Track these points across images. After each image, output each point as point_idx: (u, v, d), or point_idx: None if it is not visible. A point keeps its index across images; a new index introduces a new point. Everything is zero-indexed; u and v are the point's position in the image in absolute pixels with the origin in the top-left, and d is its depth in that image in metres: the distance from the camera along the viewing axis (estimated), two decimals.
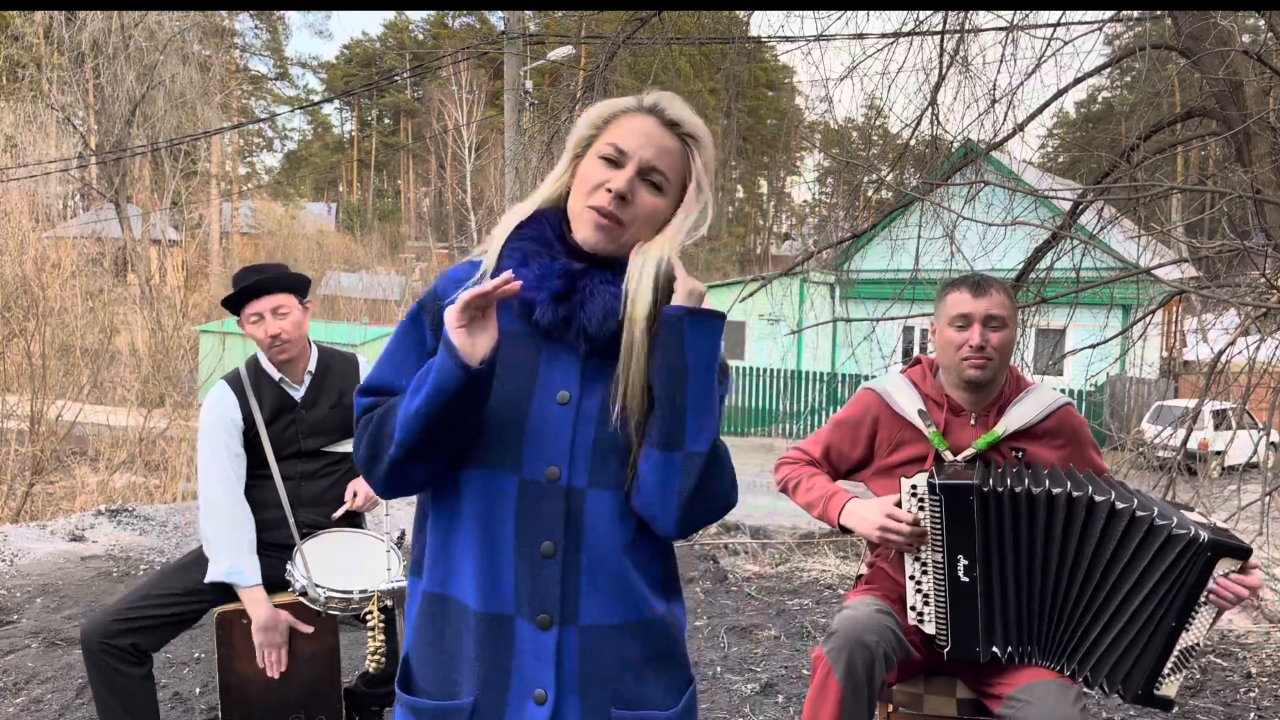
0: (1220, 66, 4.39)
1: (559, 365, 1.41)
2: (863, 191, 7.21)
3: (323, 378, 2.89)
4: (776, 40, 7.10)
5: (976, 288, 2.32)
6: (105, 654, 2.61)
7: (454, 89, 39.46)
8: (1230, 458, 9.03)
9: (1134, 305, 5.85)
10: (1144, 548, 2.08)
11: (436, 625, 1.43)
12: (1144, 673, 2.09)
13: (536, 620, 1.37)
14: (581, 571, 1.38)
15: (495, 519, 1.38)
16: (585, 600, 1.39)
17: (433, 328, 1.44)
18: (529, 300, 1.39)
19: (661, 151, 1.41)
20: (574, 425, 1.39)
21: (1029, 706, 2.07)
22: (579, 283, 1.39)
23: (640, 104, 1.44)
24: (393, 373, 1.45)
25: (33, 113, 24.20)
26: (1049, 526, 2.13)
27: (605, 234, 1.39)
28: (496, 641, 1.38)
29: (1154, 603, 2.07)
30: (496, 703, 1.38)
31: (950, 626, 2.20)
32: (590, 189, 1.40)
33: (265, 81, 47.48)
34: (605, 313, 1.39)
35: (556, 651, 1.38)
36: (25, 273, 12.63)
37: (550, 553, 1.37)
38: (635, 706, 1.42)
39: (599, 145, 1.42)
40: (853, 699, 2.10)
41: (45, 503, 9.13)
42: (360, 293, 32.01)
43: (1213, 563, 2.03)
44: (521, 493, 1.38)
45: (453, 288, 1.44)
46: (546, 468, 1.38)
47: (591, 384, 1.41)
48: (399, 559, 2.61)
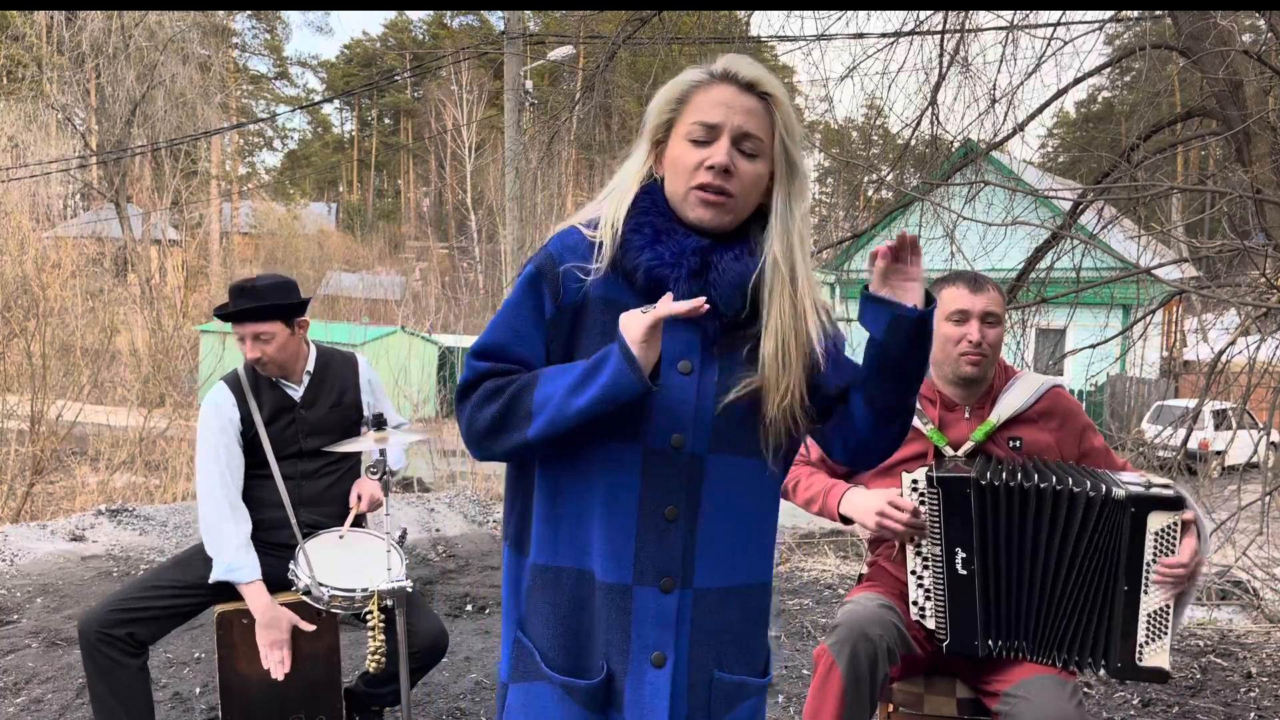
0: (1220, 66, 4.39)
1: (678, 335, 1.42)
2: (863, 191, 7.21)
3: (321, 378, 2.89)
4: (776, 40, 7.11)
5: (974, 283, 2.34)
6: (102, 643, 2.62)
7: (454, 89, 39.44)
8: (1230, 458, 9.03)
9: (1134, 305, 5.85)
10: (1084, 522, 2.12)
11: (568, 598, 1.43)
12: (1119, 644, 2.11)
13: (660, 584, 1.40)
14: (698, 535, 1.42)
15: (619, 488, 1.40)
16: (700, 563, 1.42)
17: (552, 295, 1.43)
18: (662, 277, 1.39)
19: (748, 116, 1.40)
20: (696, 394, 1.41)
21: (1025, 703, 2.08)
22: (711, 259, 1.41)
23: (713, 73, 1.43)
24: (511, 338, 1.44)
25: (33, 113, 24.20)
26: (1037, 519, 2.15)
27: (718, 210, 1.41)
28: (618, 609, 1.40)
29: (1099, 571, 2.10)
30: (619, 670, 1.41)
31: (949, 620, 2.21)
32: (690, 170, 1.40)
33: (265, 81, 47.47)
34: (735, 289, 1.41)
35: (676, 614, 1.41)
36: (25, 273, 12.62)
37: (674, 517, 1.41)
38: (736, 670, 1.46)
39: (683, 127, 1.42)
40: (855, 693, 2.11)
41: (45, 503, 9.12)
42: (360, 293, 32.00)
43: (1141, 518, 2.06)
44: (646, 461, 1.40)
45: (568, 255, 1.44)
46: (671, 435, 1.40)
47: (713, 356, 1.43)
48: (400, 558, 2.60)
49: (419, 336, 19.58)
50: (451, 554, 6.25)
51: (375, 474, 2.51)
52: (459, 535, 6.81)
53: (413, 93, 50.28)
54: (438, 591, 5.33)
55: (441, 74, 39.20)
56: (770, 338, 1.40)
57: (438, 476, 10.06)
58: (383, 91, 50.32)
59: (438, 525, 7.03)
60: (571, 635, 1.43)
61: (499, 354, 1.44)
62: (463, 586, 5.46)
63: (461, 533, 6.90)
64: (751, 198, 1.43)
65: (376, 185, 54.87)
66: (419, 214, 49.39)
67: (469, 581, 5.58)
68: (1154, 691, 3.92)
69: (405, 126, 52.43)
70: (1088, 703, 3.81)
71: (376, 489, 2.85)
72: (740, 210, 1.42)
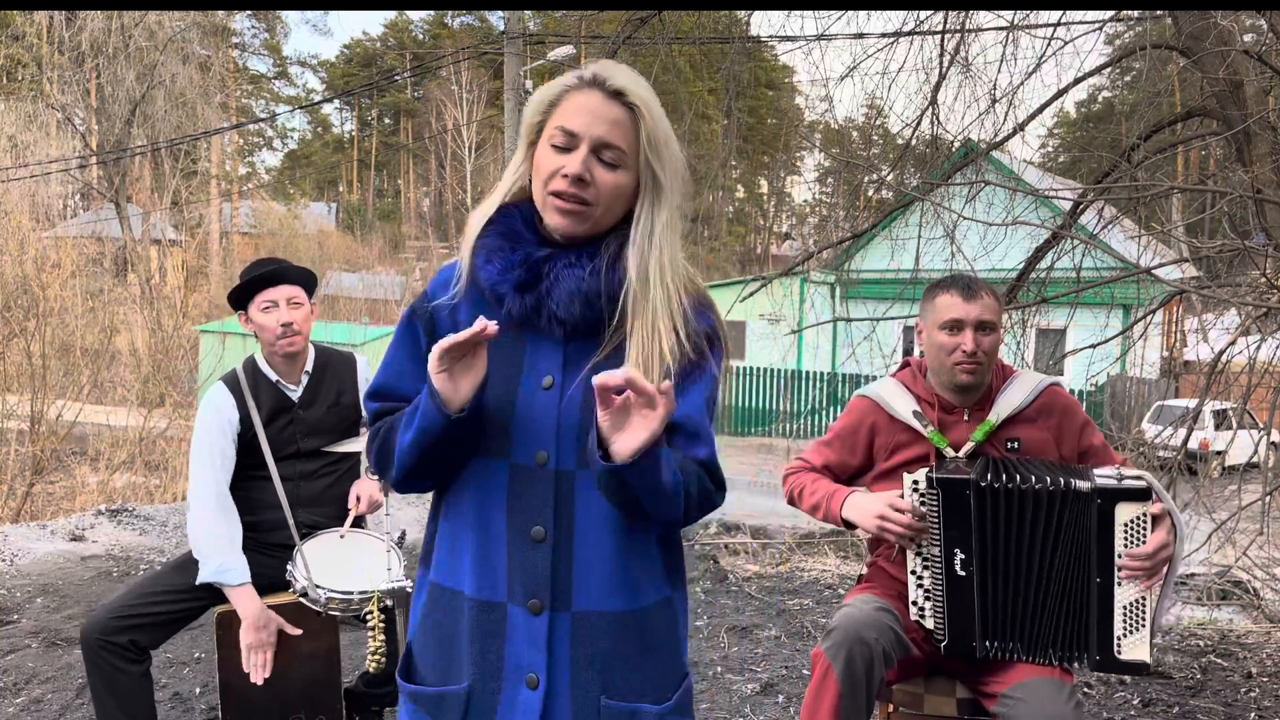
0: (1220, 66, 4.39)
1: (543, 351, 1.42)
2: (863, 191, 7.21)
3: (320, 377, 2.89)
4: (776, 40, 7.11)
5: (967, 290, 2.33)
6: (104, 650, 2.61)
7: (454, 89, 39.45)
8: (1231, 458, 9.02)
9: (1134, 305, 5.85)
10: (1059, 518, 2.13)
11: (437, 615, 1.45)
12: (1098, 638, 2.12)
13: (528, 605, 1.38)
14: (574, 556, 1.38)
15: (489, 506, 1.40)
16: (578, 585, 1.39)
17: (426, 332, 1.47)
18: (500, 295, 1.40)
19: (611, 125, 1.37)
20: (559, 409, 1.39)
21: (1022, 704, 2.08)
22: (543, 269, 1.39)
23: (583, 78, 1.41)
24: (394, 378, 1.50)
25: (33, 113, 24.20)
26: (1025, 520, 2.16)
27: (572, 219, 1.39)
28: (490, 627, 1.39)
29: (1072, 564, 2.12)
30: (490, 687, 1.39)
31: (948, 621, 2.22)
32: (547, 177, 1.39)
33: (265, 81, 47.47)
34: (572, 295, 1.38)
35: (549, 636, 1.38)
36: (25, 273, 12.63)
37: (540, 537, 1.38)
38: (626, 697, 1.41)
39: (548, 131, 1.40)
40: (851, 696, 2.11)
41: (45, 503, 9.13)
42: (360, 293, 32.00)
43: (1108, 510, 2.07)
44: (512, 478, 1.39)
45: (441, 290, 1.47)
46: (535, 452, 1.39)
47: (575, 367, 1.41)
48: (399, 559, 2.61)
49: None
50: None
51: (375, 474, 2.51)
52: None
53: (413, 93, 50.29)
54: None
55: (441, 74, 39.22)
56: (632, 350, 1.38)
57: None
58: (383, 91, 50.32)
59: None
60: (443, 649, 1.45)
61: (386, 394, 1.51)
62: None
63: None
64: (615, 207, 1.40)
65: (376, 185, 54.87)
66: (419, 214, 49.39)
67: None
68: (1154, 691, 3.92)
69: (405, 126, 52.44)
70: (1087, 703, 3.81)
71: (376, 490, 2.85)
72: (601, 219, 1.40)
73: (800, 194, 51.13)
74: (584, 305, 1.38)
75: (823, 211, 34.66)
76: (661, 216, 1.41)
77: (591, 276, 1.38)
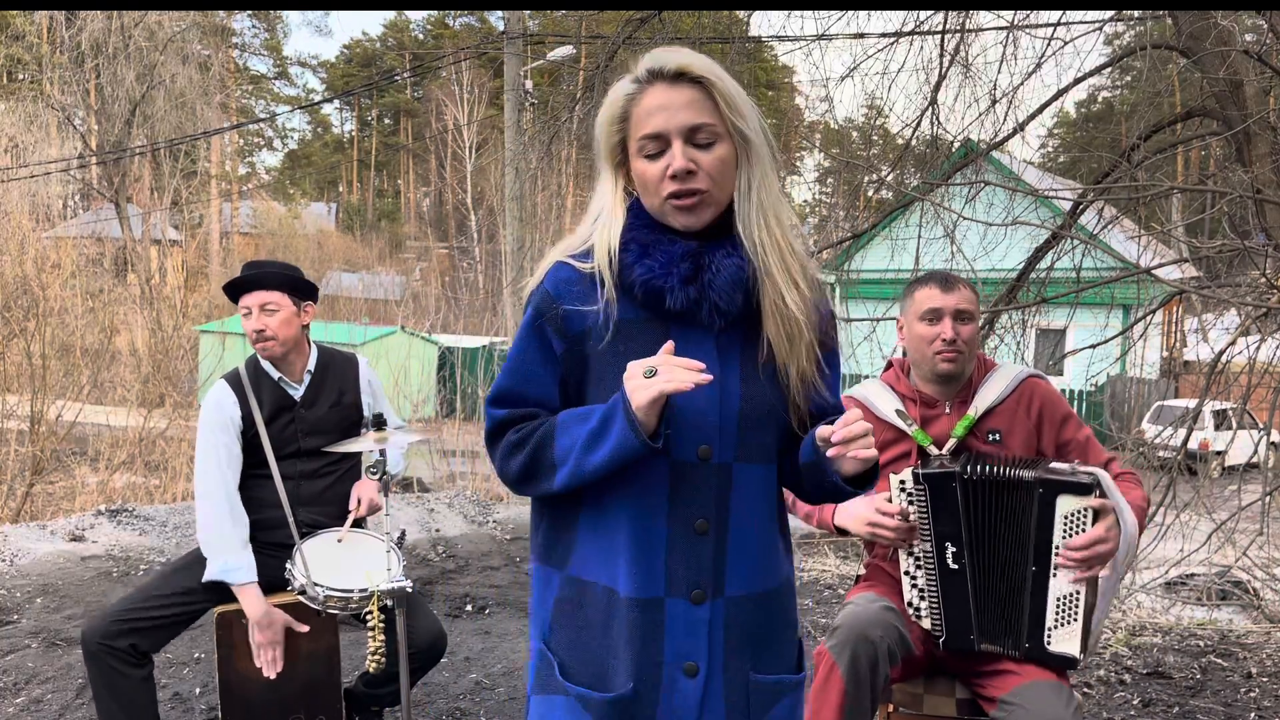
0: (1220, 66, 4.39)
1: (692, 343, 1.42)
2: (863, 191, 7.21)
3: (322, 377, 2.89)
4: (776, 40, 7.10)
5: (945, 283, 2.38)
6: (105, 655, 2.61)
7: (454, 89, 39.44)
8: (1231, 458, 9.03)
9: (1134, 305, 5.84)
10: (1008, 507, 2.14)
11: (581, 612, 1.44)
12: (1029, 627, 2.13)
13: (690, 596, 1.40)
14: (729, 545, 1.43)
15: (648, 503, 1.40)
16: (732, 572, 1.43)
17: (558, 334, 1.43)
18: (658, 288, 1.38)
19: (689, 108, 1.37)
20: (720, 401, 1.41)
21: (1021, 710, 2.08)
22: (703, 261, 1.39)
23: (639, 79, 1.40)
24: (522, 382, 1.46)
25: (33, 113, 24.19)
26: (1002, 511, 2.17)
27: (695, 212, 1.39)
28: (649, 625, 1.40)
29: (1012, 551, 2.13)
30: (652, 684, 1.40)
31: (944, 616, 2.23)
32: (656, 184, 1.38)
33: (265, 81, 47.45)
34: (735, 285, 1.39)
35: (708, 624, 1.42)
36: (25, 273, 12.63)
37: (704, 530, 1.41)
38: (770, 670, 1.47)
39: (634, 144, 1.40)
40: (855, 694, 2.11)
41: (45, 503, 9.12)
42: (360, 293, 31.99)
43: (1049, 500, 2.08)
44: (674, 475, 1.40)
45: (565, 289, 1.44)
46: (698, 447, 1.40)
47: (729, 358, 1.43)
48: (399, 559, 2.60)
49: (419, 336, 19.57)
50: (451, 554, 6.25)
51: (375, 474, 2.51)
52: (459, 535, 6.81)
53: (413, 93, 50.27)
54: (438, 592, 5.33)
55: (441, 74, 39.21)
56: (769, 319, 1.40)
57: (437, 477, 10.06)
58: (383, 91, 50.31)
59: (437, 525, 7.02)
60: (595, 648, 1.43)
61: (515, 399, 1.46)
62: (463, 587, 5.46)
63: (461, 533, 6.90)
64: (727, 183, 1.40)
65: (376, 185, 54.85)
66: (419, 214, 49.38)
67: (469, 582, 5.58)
68: (1154, 691, 3.92)
69: (405, 126, 52.42)
70: (1088, 703, 3.81)
71: (375, 493, 2.84)
72: (721, 199, 1.40)
73: (800, 194, 51.12)
74: (744, 294, 1.40)
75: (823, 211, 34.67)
76: (758, 174, 1.40)
77: (748, 264, 1.40)
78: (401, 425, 3.09)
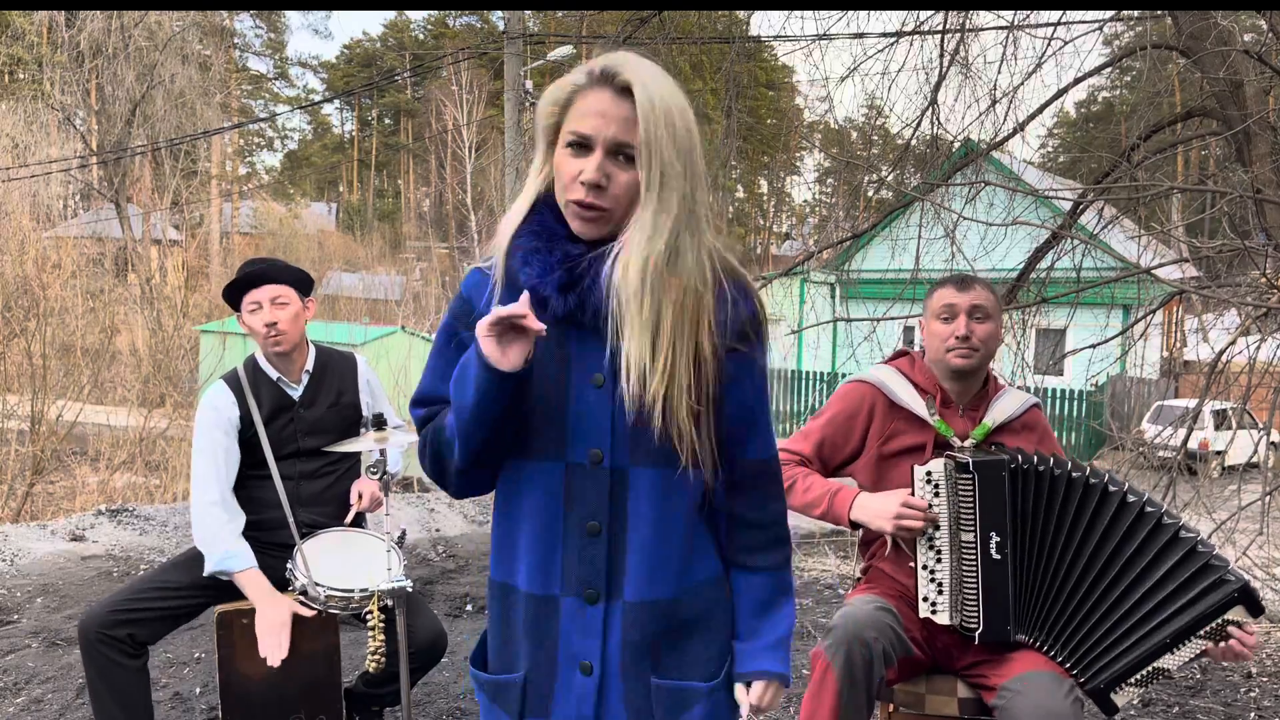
0: (1220, 66, 4.39)
1: (589, 349, 1.43)
2: (863, 191, 7.21)
3: (320, 377, 2.89)
4: (776, 40, 7.10)
5: (961, 283, 2.40)
6: (101, 644, 2.62)
7: (454, 89, 39.42)
8: (1230, 458, 9.03)
9: (1134, 305, 5.84)
10: (1166, 556, 2.10)
11: (500, 609, 1.52)
12: (1112, 673, 2.11)
13: (584, 596, 1.44)
14: (628, 548, 1.44)
15: (546, 505, 1.45)
16: (631, 576, 1.44)
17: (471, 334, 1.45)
18: (542, 295, 1.40)
19: (623, 124, 1.35)
20: (610, 407, 1.42)
21: (1021, 697, 2.09)
22: (580, 267, 1.39)
23: (590, 75, 1.39)
24: (439, 381, 1.51)
25: (33, 113, 24.19)
26: (1065, 507, 2.18)
27: (593, 224, 1.39)
28: (544, 620, 1.46)
29: (1161, 616, 2.09)
30: (546, 675, 1.46)
31: (982, 608, 2.21)
32: (568, 182, 1.38)
33: (265, 81, 47.45)
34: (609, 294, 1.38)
35: (603, 625, 1.44)
36: (26, 273, 12.63)
37: (595, 532, 1.43)
38: (676, 676, 1.48)
39: (564, 133, 1.39)
40: (850, 696, 2.10)
41: (45, 503, 9.13)
42: (360, 293, 31.97)
43: (1231, 605, 2.06)
44: (568, 477, 1.43)
45: (476, 293, 1.49)
46: (590, 450, 1.43)
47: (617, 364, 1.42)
48: (399, 558, 2.60)
49: (419, 336, 19.54)
50: (451, 554, 6.25)
51: (375, 474, 2.51)
52: (459, 535, 6.81)
53: (413, 93, 50.26)
54: (438, 591, 5.33)
55: (441, 74, 39.20)
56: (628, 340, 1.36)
57: None
58: (383, 91, 50.32)
59: (438, 525, 7.03)
60: (510, 643, 1.52)
61: (432, 399, 1.52)
62: (463, 586, 5.46)
63: (461, 533, 6.90)
64: (634, 206, 1.38)
65: (376, 185, 54.85)
66: (419, 214, 49.36)
67: (469, 581, 5.58)
68: (1154, 691, 3.92)
69: (405, 126, 52.42)
70: (1088, 701, 3.80)
71: (377, 488, 2.84)
72: (621, 217, 1.39)
73: (800, 194, 51.15)
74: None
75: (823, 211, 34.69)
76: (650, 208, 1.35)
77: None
78: (401, 425, 3.09)
